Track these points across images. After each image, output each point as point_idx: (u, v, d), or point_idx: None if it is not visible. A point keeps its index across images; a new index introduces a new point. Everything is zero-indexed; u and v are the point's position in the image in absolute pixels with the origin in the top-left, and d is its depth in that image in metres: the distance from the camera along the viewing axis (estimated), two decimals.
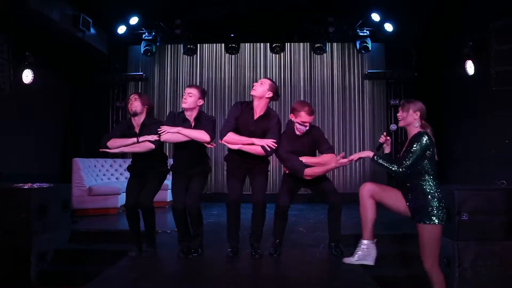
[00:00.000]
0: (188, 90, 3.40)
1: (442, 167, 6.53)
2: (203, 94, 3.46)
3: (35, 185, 3.79)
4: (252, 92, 3.35)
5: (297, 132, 3.36)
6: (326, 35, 6.64)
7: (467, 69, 5.42)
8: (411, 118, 2.77)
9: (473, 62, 5.33)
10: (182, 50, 7.05)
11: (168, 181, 6.21)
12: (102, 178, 6.12)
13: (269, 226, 3.88)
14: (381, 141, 2.90)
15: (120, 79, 7.21)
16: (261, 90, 3.32)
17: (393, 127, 2.93)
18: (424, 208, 2.63)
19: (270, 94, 3.34)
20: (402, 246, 4.08)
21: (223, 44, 7.16)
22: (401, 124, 2.81)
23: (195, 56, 7.33)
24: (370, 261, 2.78)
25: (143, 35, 6.70)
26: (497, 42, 4.56)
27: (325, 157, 3.36)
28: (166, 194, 6.00)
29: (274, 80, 3.54)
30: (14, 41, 5.00)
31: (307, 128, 3.35)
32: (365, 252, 2.76)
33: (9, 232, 3.48)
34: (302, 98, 7.39)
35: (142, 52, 6.76)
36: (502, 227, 3.40)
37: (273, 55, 7.32)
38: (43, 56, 5.73)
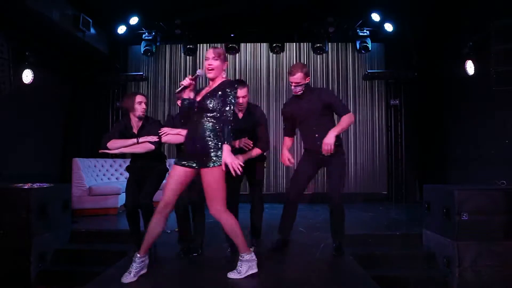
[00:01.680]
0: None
1: (443, 167, 6.56)
2: None
3: (35, 185, 3.79)
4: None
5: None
6: (326, 35, 6.64)
7: (467, 69, 5.42)
8: (221, 69, 2.74)
9: (473, 62, 5.33)
10: (182, 50, 7.05)
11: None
12: (102, 178, 6.13)
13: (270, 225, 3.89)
14: (185, 84, 2.71)
15: (120, 79, 7.21)
16: None
17: (199, 72, 2.78)
18: (204, 152, 2.61)
19: None
20: (402, 246, 4.08)
21: (223, 44, 7.16)
22: (211, 75, 2.72)
23: (195, 56, 7.33)
24: (254, 269, 2.77)
25: (143, 35, 6.69)
26: (497, 42, 4.56)
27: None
28: None
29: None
30: (14, 41, 5.00)
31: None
32: (248, 264, 2.72)
33: (9, 232, 3.48)
34: None
35: (142, 52, 6.76)
36: (502, 227, 3.41)
37: (273, 55, 7.32)
38: (43, 56, 5.72)
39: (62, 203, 4.03)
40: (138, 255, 2.73)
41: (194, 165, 2.68)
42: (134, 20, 6.40)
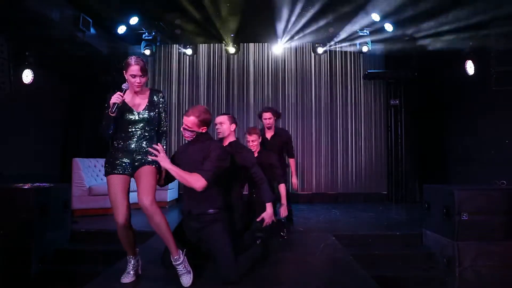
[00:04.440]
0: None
1: (442, 167, 6.56)
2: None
3: (35, 185, 3.79)
4: (220, 135, 3.35)
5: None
6: (326, 35, 6.64)
7: (467, 69, 5.42)
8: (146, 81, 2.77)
9: (473, 62, 5.33)
10: (182, 50, 7.05)
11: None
12: (102, 178, 6.12)
13: None
14: (119, 101, 2.59)
15: (120, 79, 7.18)
16: (225, 128, 3.30)
17: (125, 86, 2.67)
18: (141, 161, 2.62)
19: (234, 126, 3.38)
20: (402, 246, 4.08)
21: (223, 44, 7.17)
22: (139, 89, 2.71)
23: (195, 56, 7.33)
24: (187, 265, 2.66)
25: (143, 35, 6.70)
26: (497, 42, 4.56)
27: None
28: (166, 194, 6.00)
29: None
30: (14, 41, 5.00)
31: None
32: (184, 263, 2.61)
33: (10, 232, 3.48)
34: (301, 98, 7.41)
35: (142, 52, 6.77)
36: (502, 227, 3.41)
37: (273, 55, 7.33)
38: (43, 56, 5.72)
39: (62, 203, 4.03)
40: (131, 256, 2.74)
41: (128, 172, 2.65)
42: (134, 20, 6.39)
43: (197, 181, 2.59)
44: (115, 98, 2.57)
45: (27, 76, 5.33)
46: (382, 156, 7.30)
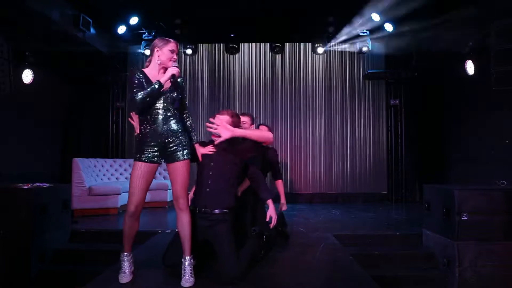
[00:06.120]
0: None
1: (442, 167, 6.57)
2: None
3: (35, 185, 3.79)
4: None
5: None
6: (326, 35, 6.64)
7: (467, 69, 5.42)
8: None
9: (473, 62, 5.34)
10: (182, 50, 7.06)
11: (167, 181, 6.20)
12: (102, 178, 6.12)
13: None
14: (177, 75, 2.56)
15: (120, 79, 7.21)
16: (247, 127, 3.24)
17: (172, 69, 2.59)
18: (173, 146, 2.60)
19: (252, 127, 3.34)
20: (402, 246, 4.08)
21: (223, 44, 7.17)
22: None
23: (195, 56, 7.34)
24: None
25: (143, 35, 6.70)
26: (497, 42, 4.56)
27: None
28: (166, 194, 5.99)
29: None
30: (14, 41, 5.00)
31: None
32: (192, 266, 2.63)
33: (9, 232, 3.48)
34: (302, 98, 7.41)
35: (142, 52, 6.77)
36: (502, 227, 3.41)
37: (273, 55, 7.32)
38: (43, 56, 5.73)
39: (62, 203, 4.03)
40: (126, 253, 2.71)
41: (157, 159, 2.62)
42: (134, 20, 6.40)
43: (267, 134, 2.89)
44: (175, 70, 2.54)
45: (27, 76, 5.33)
46: (382, 156, 7.30)
